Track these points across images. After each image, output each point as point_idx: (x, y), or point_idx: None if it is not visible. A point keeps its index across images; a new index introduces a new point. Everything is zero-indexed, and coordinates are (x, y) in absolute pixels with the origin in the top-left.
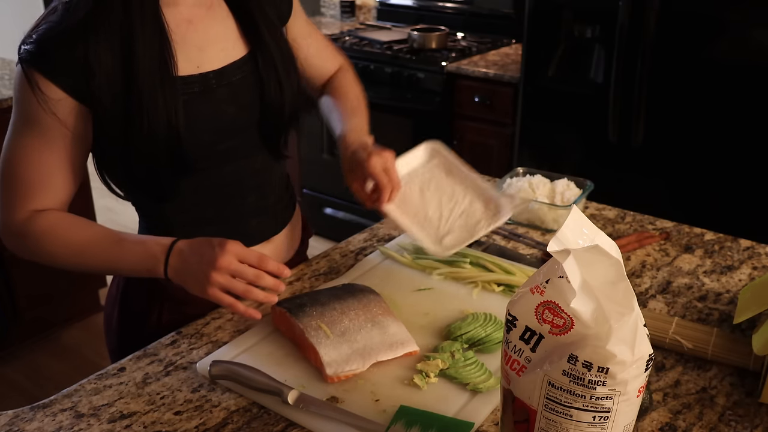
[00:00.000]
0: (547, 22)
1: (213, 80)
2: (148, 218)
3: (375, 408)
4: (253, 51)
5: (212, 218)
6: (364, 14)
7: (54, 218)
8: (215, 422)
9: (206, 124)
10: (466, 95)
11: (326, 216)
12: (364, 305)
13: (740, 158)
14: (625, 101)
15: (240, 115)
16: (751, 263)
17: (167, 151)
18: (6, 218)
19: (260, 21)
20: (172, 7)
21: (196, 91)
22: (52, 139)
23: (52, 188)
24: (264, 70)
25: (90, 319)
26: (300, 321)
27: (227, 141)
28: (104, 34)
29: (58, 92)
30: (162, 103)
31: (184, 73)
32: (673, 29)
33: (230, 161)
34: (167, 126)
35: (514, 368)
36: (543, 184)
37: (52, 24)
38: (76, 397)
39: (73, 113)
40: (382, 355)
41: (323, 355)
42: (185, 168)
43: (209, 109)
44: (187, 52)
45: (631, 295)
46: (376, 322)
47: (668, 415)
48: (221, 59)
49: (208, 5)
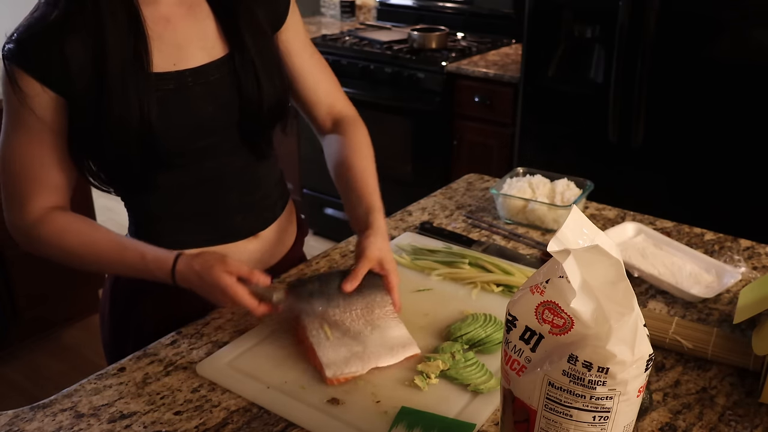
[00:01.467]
0: (547, 22)
1: (189, 78)
2: (133, 211)
3: (376, 409)
4: (232, 52)
5: (195, 213)
6: (364, 14)
7: (60, 224)
8: (215, 422)
9: (182, 121)
10: (466, 95)
11: (326, 216)
12: (368, 304)
13: (740, 158)
14: (625, 101)
15: (218, 114)
16: (751, 263)
17: (139, 144)
18: (15, 218)
19: (242, 22)
20: (151, 5)
21: (171, 88)
22: (37, 136)
23: (48, 184)
24: (241, 70)
25: (90, 319)
26: (304, 316)
27: (206, 139)
28: (80, 30)
29: (35, 86)
30: (134, 97)
31: (160, 70)
32: (673, 29)
33: (210, 158)
34: (139, 120)
35: (514, 368)
36: (543, 184)
37: (32, 21)
38: (76, 397)
39: (50, 108)
40: (382, 361)
41: (321, 357)
42: (159, 161)
43: (185, 107)
44: (163, 50)
45: (631, 295)
46: (378, 325)
47: (668, 415)
48: (199, 58)
49: (189, 4)
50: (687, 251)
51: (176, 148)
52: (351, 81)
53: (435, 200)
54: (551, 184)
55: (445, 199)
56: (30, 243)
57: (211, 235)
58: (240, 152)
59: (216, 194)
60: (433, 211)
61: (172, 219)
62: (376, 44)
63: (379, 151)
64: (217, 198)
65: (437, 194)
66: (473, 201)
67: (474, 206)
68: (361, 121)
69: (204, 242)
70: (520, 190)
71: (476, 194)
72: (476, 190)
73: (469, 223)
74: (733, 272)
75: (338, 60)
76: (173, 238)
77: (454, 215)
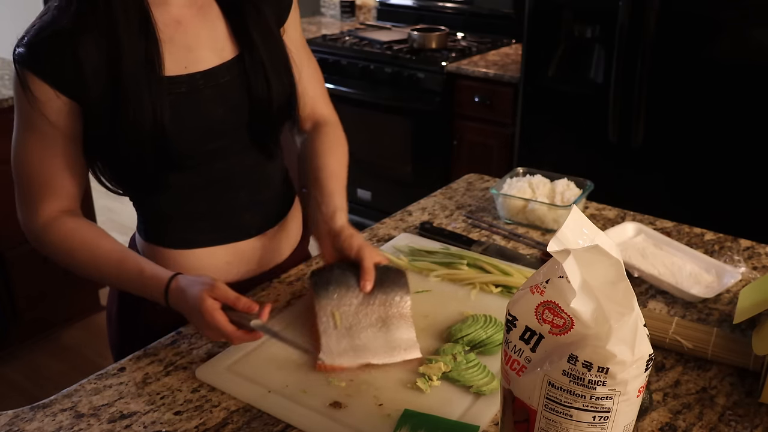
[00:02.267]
0: (547, 22)
1: (200, 81)
2: (142, 210)
3: (379, 412)
4: (242, 53)
5: (205, 212)
6: (364, 14)
7: (67, 229)
8: (215, 422)
9: (194, 124)
10: (466, 95)
11: None
12: (386, 301)
13: (740, 158)
14: (625, 101)
15: (229, 116)
16: (751, 263)
17: (152, 148)
18: (27, 220)
19: (251, 22)
20: (161, 6)
21: (183, 92)
22: (47, 140)
23: (58, 187)
24: (251, 71)
25: (90, 319)
26: (318, 302)
27: (217, 140)
28: (92, 33)
29: (48, 91)
30: (147, 101)
31: (171, 74)
32: (673, 29)
33: (220, 159)
34: (152, 124)
35: (514, 368)
36: (543, 184)
37: (43, 25)
38: (76, 397)
39: (63, 113)
40: (378, 358)
41: (323, 342)
42: (171, 163)
43: (196, 110)
44: (174, 53)
45: (631, 295)
46: (389, 323)
47: (668, 415)
48: (210, 60)
49: (199, 5)
50: (687, 251)
51: (188, 150)
52: (351, 81)
53: (435, 200)
54: (551, 184)
55: (445, 199)
56: (41, 246)
57: (220, 234)
58: (249, 152)
59: (225, 194)
60: (433, 211)
61: (182, 218)
62: (376, 44)
63: (379, 151)
64: (227, 197)
65: (437, 194)
66: (473, 201)
67: (474, 206)
68: (341, 127)
69: (212, 241)
70: (520, 190)
71: (476, 194)
72: (476, 190)
73: (469, 223)
74: (733, 272)
75: (338, 60)
76: (182, 237)
77: (454, 215)
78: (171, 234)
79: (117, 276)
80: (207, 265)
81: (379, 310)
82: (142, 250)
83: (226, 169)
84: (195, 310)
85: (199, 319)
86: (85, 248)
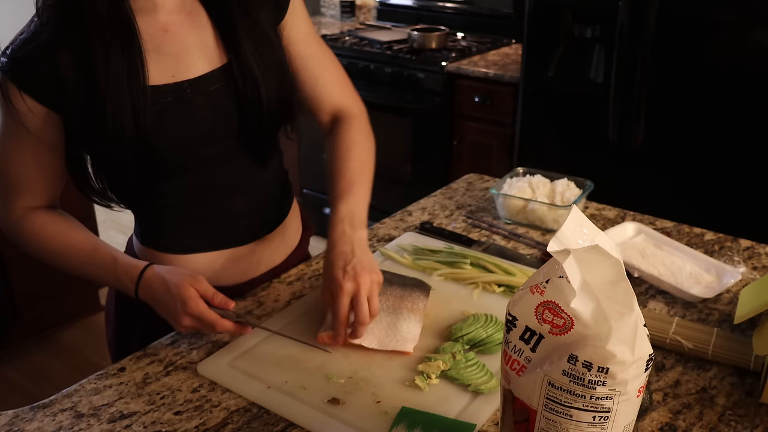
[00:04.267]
0: (547, 22)
1: (188, 89)
2: (140, 219)
3: (377, 409)
4: (230, 60)
5: (201, 219)
6: (364, 14)
7: (39, 222)
8: (215, 422)
9: (183, 132)
10: (466, 95)
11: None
12: (403, 294)
13: (740, 158)
14: (625, 101)
15: (219, 124)
16: (751, 263)
17: (135, 157)
18: (1, 215)
19: (240, 26)
20: (148, 14)
21: (170, 101)
22: (26, 146)
23: (34, 188)
24: (240, 78)
25: (90, 319)
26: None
27: (207, 148)
28: (73, 46)
29: (28, 102)
30: (128, 112)
31: (158, 83)
32: (673, 29)
33: (213, 166)
34: (134, 133)
35: (514, 368)
36: (543, 184)
37: (26, 36)
38: (76, 397)
39: (41, 123)
40: (368, 341)
41: (328, 318)
42: (159, 172)
43: (185, 118)
44: (161, 62)
45: (631, 295)
46: (399, 314)
47: (668, 415)
48: (199, 68)
49: (188, 11)
50: (687, 251)
51: (177, 159)
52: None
53: (435, 200)
54: (551, 184)
55: (445, 199)
56: (16, 239)
57: (217, 239)
58: (243, 158)
59: (221, 200)
60: (433, 211)
61: (178, 224)
62: (376, 44)
63: (379, 151)
64: (223, 204)
65: (437, 194)
66: (473, 201)
67: (474, 206)
68: (364, 116)
69: (209, 246)
70: (520, 190)
71: (476, 194)
72: (476, 190)
73: (469, 223)
74: (733, 272)
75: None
76: (179, 242)
77: (454, 215)
78: (168, 239)
79: (90, 264)
80: (204, 269)
81: (394, 300)
82: (140, 254)
83: (221, 175)
84: (175, 297)
85: (178, 307)
86: (58, 239)
